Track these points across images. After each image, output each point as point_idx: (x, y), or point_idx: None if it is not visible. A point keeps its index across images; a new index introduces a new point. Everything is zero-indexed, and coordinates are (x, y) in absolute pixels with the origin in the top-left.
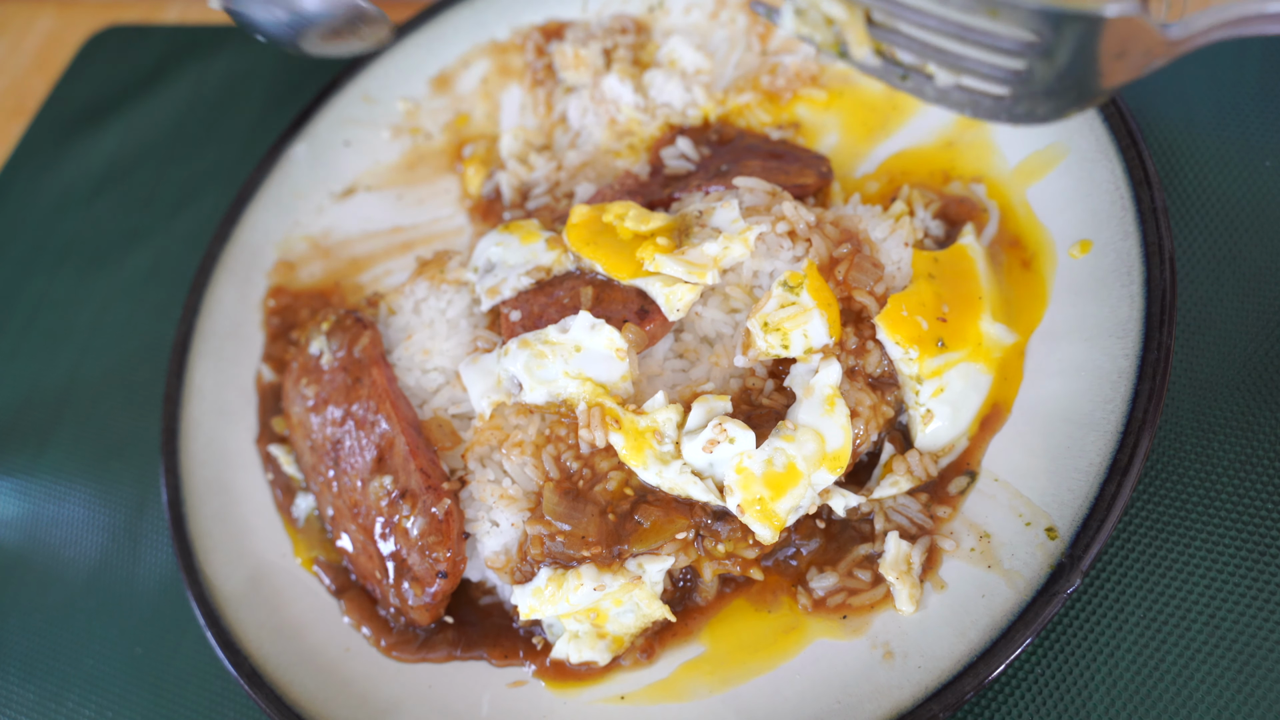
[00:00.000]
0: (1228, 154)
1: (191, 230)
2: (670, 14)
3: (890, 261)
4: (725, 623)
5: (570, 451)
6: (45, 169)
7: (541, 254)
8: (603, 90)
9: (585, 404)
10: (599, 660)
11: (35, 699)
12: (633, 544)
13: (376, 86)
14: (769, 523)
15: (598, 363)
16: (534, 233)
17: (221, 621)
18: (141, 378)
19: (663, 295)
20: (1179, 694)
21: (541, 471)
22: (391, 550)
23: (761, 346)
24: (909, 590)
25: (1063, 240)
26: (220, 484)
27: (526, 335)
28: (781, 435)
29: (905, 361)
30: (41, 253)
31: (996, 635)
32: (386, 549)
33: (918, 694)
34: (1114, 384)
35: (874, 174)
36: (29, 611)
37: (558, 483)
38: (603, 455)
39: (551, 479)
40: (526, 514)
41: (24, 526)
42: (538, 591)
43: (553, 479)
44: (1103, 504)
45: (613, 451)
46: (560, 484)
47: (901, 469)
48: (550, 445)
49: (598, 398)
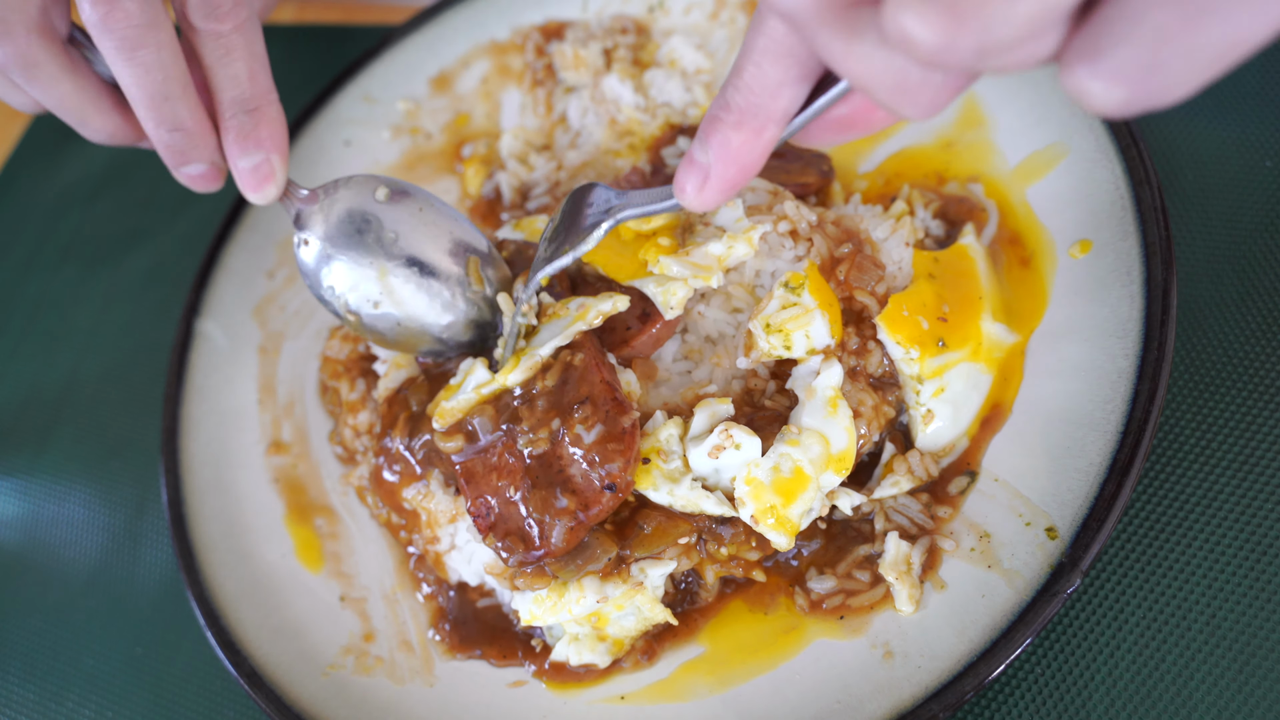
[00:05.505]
0: (1228, 154)
1: (191, 230)
2: (670, 14)
3: (891, 261)
4: (725, 623)
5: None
6: (45, 169)
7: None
8: (603, 90)
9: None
10: (599, 663)
11: (35, 699)
12: (635, 549)
13: (376, 86)
14: (784, 530)
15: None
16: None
17: (221, 621)
18: (141, 378)
19: (659, 295)
20: (1179, 694)
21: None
22: (552, 471)
23: (764, 348)
24: (909, 590)
25: (1063, 240)
26: (220, 484)
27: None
28: (786, 440)
29: (906, 361)
30: (41, 253)
31: (996, 635)
32: (546, 474)
33: (918, 694)
34: (1114, 384)
35: (874, 173)
36: (29, 611)
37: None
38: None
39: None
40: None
41: (24, 526)
42: (539, 600)
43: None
44: (1103, 504)
45: None
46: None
47: (902, 469)
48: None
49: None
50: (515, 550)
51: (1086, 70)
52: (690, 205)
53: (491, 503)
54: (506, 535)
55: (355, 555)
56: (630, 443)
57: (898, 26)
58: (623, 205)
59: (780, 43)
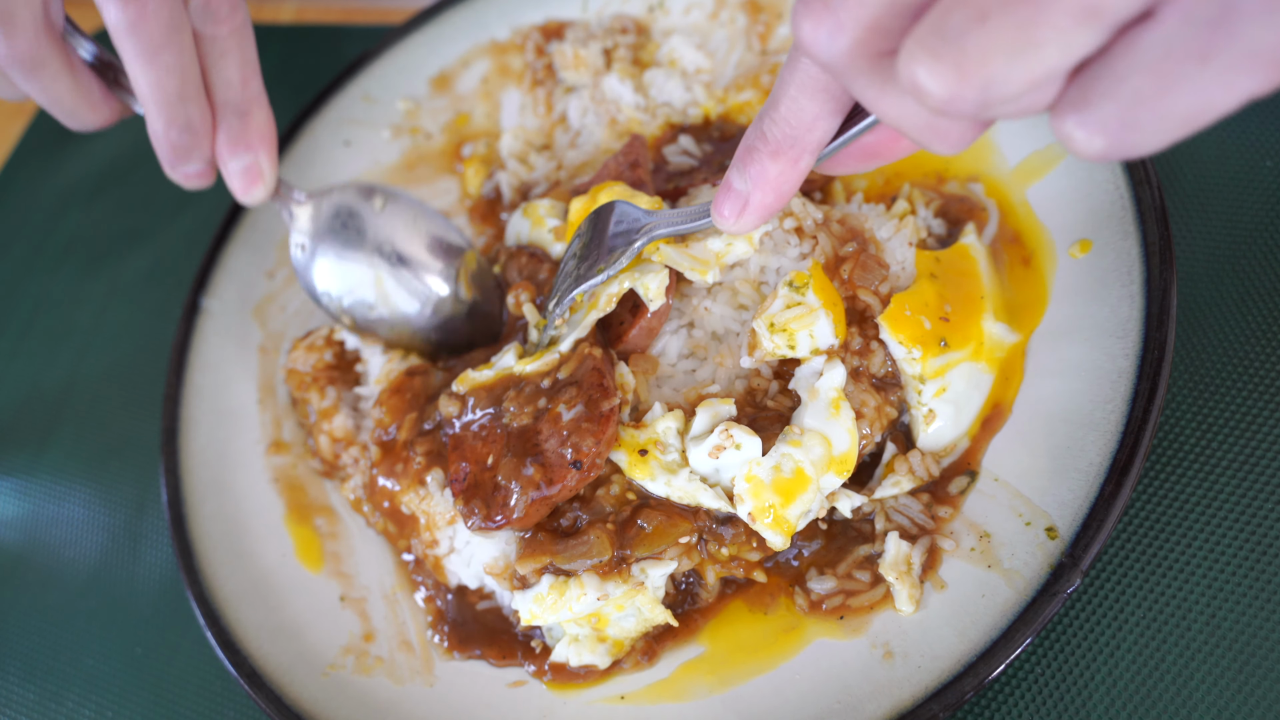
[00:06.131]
0: (1228, 154)
1: (191, 230)
2: (670, 14)
3: (895, 261)
4: (725, 623)
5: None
6: (45, 169)
7: (551, 247)
8: (603, 90)
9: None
10: (599, 664)
11: (35, 699)
12: (636, 549)
13: (376, 86)
14: (780, 529)
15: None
16: (541, 219)
17: (221, 621)
18: (141, 378)
19: (639, 286)
20: (1179, 694)
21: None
22: (528, 444)
23: (768, 347)
24: (909, 590)
25: (1063, 240)
26: (220, 484)
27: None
28: (788, 440)
29: (908, 361)
30: (41, 253)
31: (996, 635)
32: (521, 445)
33: (918, 694)
34: (1114, 384)
35: (874, 171)
36: (29, 611)
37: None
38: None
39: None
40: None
41: (24, 526)
42: (539, 598)
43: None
44: (1103, 504)
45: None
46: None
47: (903, 469)
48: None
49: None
50: (474, 515)
51: (1073, 120)
52: (728, 230)
53: (466, 469)
54: (471, 500)
55: (355, 555)
56: (605, 425)
57: (910, 77)
58: (655, 224)
59: (815, 79)
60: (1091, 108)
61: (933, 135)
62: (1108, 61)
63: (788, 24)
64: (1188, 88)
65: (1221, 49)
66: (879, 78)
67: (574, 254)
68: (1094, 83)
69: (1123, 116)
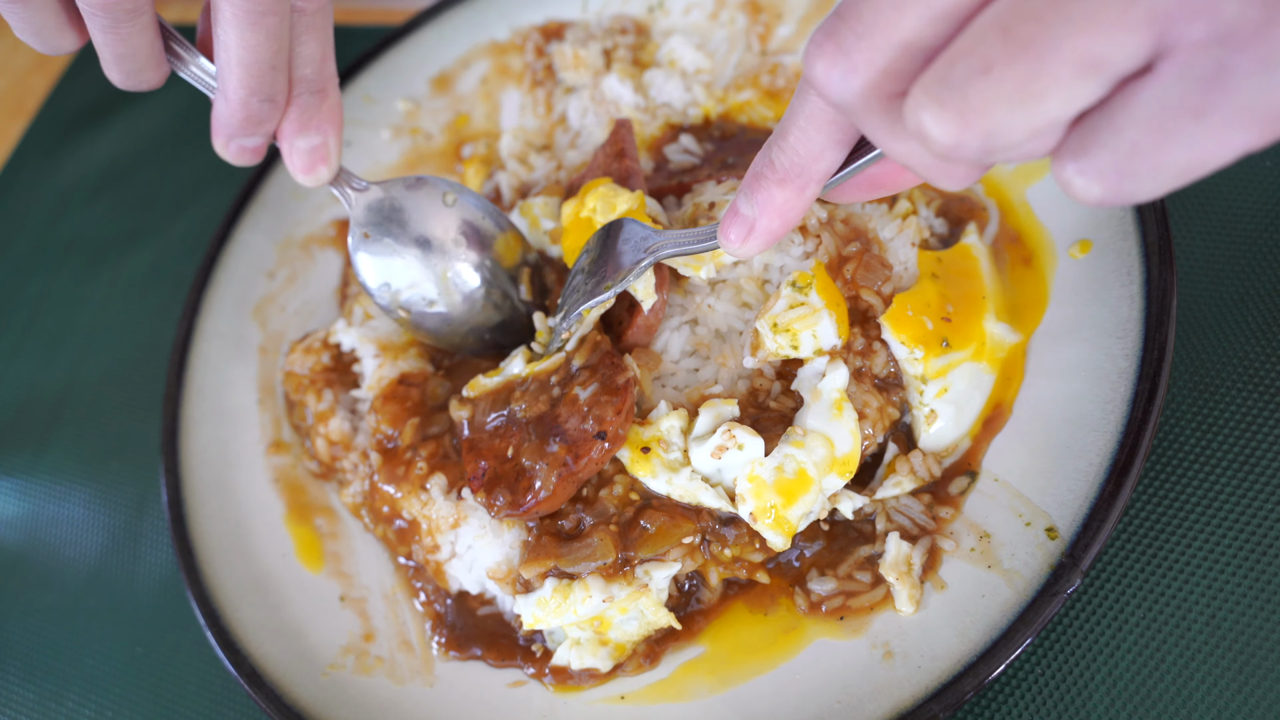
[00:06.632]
0: None
1: (191, 230)
2: (670, 14)
3: (897, 261)
4: (726, 623)
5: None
6: (45, 169)
7: (548, 249)
8: (603, 90)
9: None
10: (601, 668)
11: (35, 699)
12: (639, 550)
13: (376, 86)
14: (781, 530)
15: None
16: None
17: (221, 621)
18: (141, 378)
19: (629, 286)
20: (1179, 694)
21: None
22: (547, 426)
23: (771, 347)
24: (909, 590)
25: (1063, 240)
26: (220, 484)
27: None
28: (791, 441)
29: (910, 361)
30: (41, 253)
31: (996, 635)
32: (541, 428)
33: (918, 694)
34: (1114, 384)
35: None
36: (29, 611)
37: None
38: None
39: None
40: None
41: (24, 526)
42: (542, 602)
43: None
44: (1103, 504)
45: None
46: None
47: (905, 469)
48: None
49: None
50: (501, 498)
51: (1073, 167)
52: (733, 253)
53: (485, 466)
54: (496, 487)
55: (355, 555)
56: (625, 395)
57: (916, 124)
58: (662, 243)
59: (824, 112)
60: (1090, 157)
61: (939, 174)
62: (1107, 113)
63: (787, 24)
64: (1184, 141)
65: (1217, 106)
66: (888, 118)
67: (582, 269)
68: (1093, 133)
69: (1120, 166)
